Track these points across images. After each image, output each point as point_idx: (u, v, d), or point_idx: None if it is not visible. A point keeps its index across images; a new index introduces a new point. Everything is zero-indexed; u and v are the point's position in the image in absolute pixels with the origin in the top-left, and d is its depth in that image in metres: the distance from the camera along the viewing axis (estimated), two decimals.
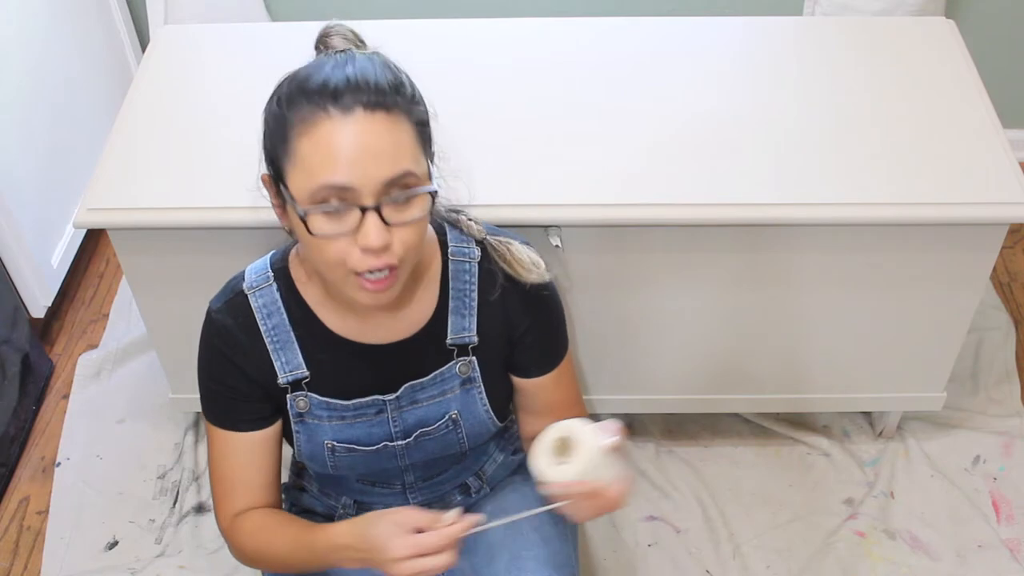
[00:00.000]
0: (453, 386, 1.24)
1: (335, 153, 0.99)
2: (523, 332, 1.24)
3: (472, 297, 1.21)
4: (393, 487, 1.34)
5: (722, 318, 1.64)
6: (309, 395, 1.22)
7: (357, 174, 0.99)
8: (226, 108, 1.63)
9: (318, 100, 0.99)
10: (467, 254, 1.21)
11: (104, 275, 2.26)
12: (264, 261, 1.21)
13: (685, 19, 1.83)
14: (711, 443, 1.90)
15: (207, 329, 1.20)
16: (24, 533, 1.80)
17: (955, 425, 1.91)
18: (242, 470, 1.22)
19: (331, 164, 0.99)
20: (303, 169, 1.01)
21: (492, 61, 1.72)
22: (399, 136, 1.01)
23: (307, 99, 1.00)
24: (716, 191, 1.48)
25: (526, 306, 1.23)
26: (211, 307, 1.20)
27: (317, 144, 0.99)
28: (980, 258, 1.55)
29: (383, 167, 1.00)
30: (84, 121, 2.19)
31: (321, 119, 0.99)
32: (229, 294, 1.20)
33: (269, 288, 1.18)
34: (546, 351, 1.28)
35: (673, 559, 1.72)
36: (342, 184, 0.99)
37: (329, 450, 1.24)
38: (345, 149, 0.99)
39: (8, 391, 1.89)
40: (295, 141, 1.01)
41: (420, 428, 1.25)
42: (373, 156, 0.99)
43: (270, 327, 1.18)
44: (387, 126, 1.00)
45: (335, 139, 0.99)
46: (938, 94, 1.64)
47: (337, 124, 0.99)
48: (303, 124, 1.00)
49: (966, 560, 1.71)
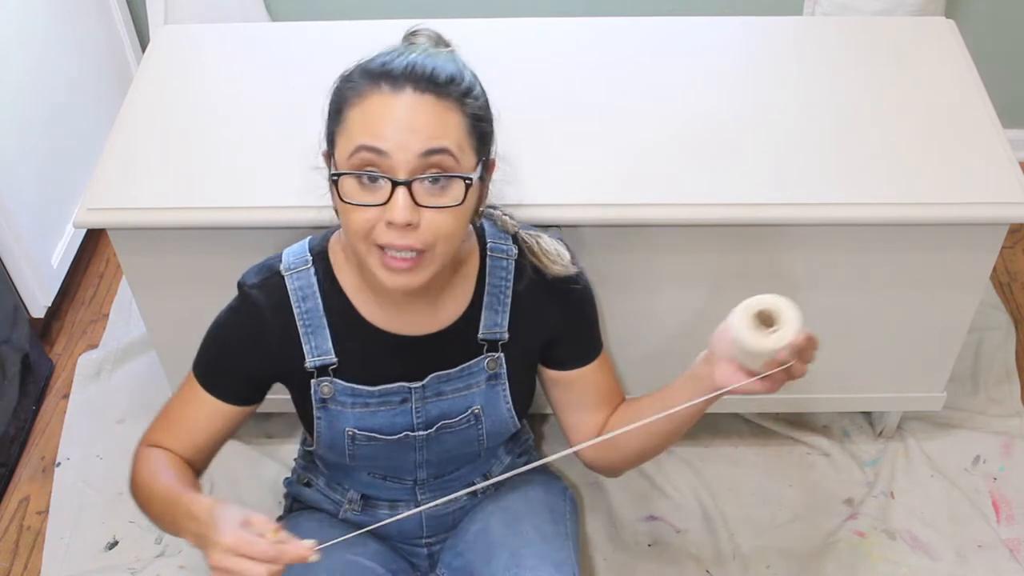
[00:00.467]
0: (479, 380, 1.25)
1: (377, 120, 1.03)
2: (560, 329, 1.26)
3: (507, 294, 1.22)
4: (404, 482, 1.34)
5: (722, 318, 1.64)
6: (335, 381, 1.22)
7: (393, 141, 1.02)
8: (226, 108, 1.63)
9: (375, 79, 1.05)
10: (505, 251, 1.23)
11: (104, 275, 2.26)
12: (303, 244, 1.22)
13: (685, 19, 1.83)
14: (711, 443, 1.89)
15: (238, 303, 1.21)
16: (24, 533, 1.80)
17: (955, 425, 1.91)
18: (193, 423, 1.23)
19: (371, 129, 1.03)
20: (347, 135, 1.05)
21: (492, 61, 1.71)
22: (444, 118, 1.04)
23: (366, 77, 1.06)
24: (716, 191, 1.48)
25: (560, 303, 1.25)
26: (245, 281, 1.20)
27: (363, 113, 1.04)
28: (980, 258, 1.55)
29: (421, 139, 1.02)
30: (84, 121, 2.19)
31: (372, 92, 1.04)
32: (266, 272, 1.20)
33: (307, 271, 1.19)
34: (583, 344, 1.30)
35: (673, 559, 1.72)
36: (378, 147, 1.02)
37: (349, 438, 1.25)
38: (387, 118, 1.03)
39: (8, 391, 1.89)
40: (347, 112, 1.06)
41: (442, 420, 1.26)
42: (412, 129, 1.03)
43: (303, 310, 1.19)
44: (433, 108, 1.04)
45: (380, 108, 1.03)
46: (938, 94, 1.64)
47: (386, 97, 1.03)
48: (357, 97, 1.05)
49: (966, 560, 1.71)
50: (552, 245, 1.23)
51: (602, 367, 1.31)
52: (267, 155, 1.54)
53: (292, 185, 1.36)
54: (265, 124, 1.60)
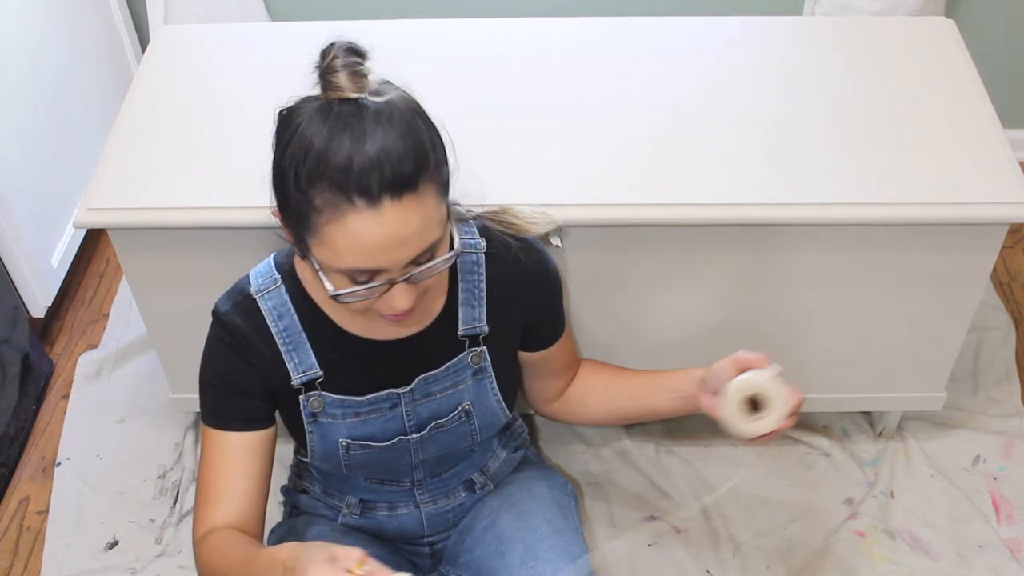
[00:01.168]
0: (465, 377, 1.25)
1: (365, 245, 0.99)
2: (535, 314, 1.28)
3: (481, 287, 1.22)
4: (401, 484, 1.34)
5: (722, 318, 1.64)
6: (323, 394, 1.22)
7: (387, 260, 1.00)
8: (226, 108, 1.63)
9: (343, 187, 0.96)
10: (473, 245, 1.22)
11: (104, 275, 2.26)
12: (268, 264, 1.20)
13: (685, 19, 1.83)
14: (711, 443, 1.89)
15: (216, 330, 1.20)
16: (24, 533, 1.80)
17: (955, 425, 1.91)
18: (230, 477, 1.20)
19: (361, 254, 0.99)
20: (331, 250, 1.00)
21: (492, 61, 1.72)
22: (427, 213, 1.00)
23: (330, 184, 0.97)
24: (716, 191, 1.48)
25: (534, 288, 1.26)
26: (219, 309, 1.19)
27: (346, 235, 0.98)
28: (980, 258, 1.55)
29: (412, 249, 1.01)
30: (84, 121, 2.19)
31: (348, 211, 0.97)
32: (238, 297, 1.19)
33: (278, 290, 1.18)
34: (556, 324, 1.34)
35: (673, 559, 1.72)
36: (372, 268, 1.01)
37: (344, 448, 1.24)
38: (375, 242, 0.98)
39: (8, 391, 1.89)
40: (322, 227, 0.99)
41: (434, 420, 1.26)
42: (403, 243, 1.00)
43: (281, 329, 1.18)
44: (415, 209, 0.99)
45: (364, 232, 0.98)
46: (938, 94, 1.64)
47: (366, 218, 0.97)
48: (330, 211, 0.98)
49: (966, 560, 1.71)
50: (522, 208, 1.25)
51: (567, 338, 1.36)
52: (267, 155, 1.54)
53: None
54: (265, 124, 1.59)
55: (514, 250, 1.23)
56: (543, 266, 1.27)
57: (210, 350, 1.21)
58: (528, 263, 1.24)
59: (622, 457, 1.87)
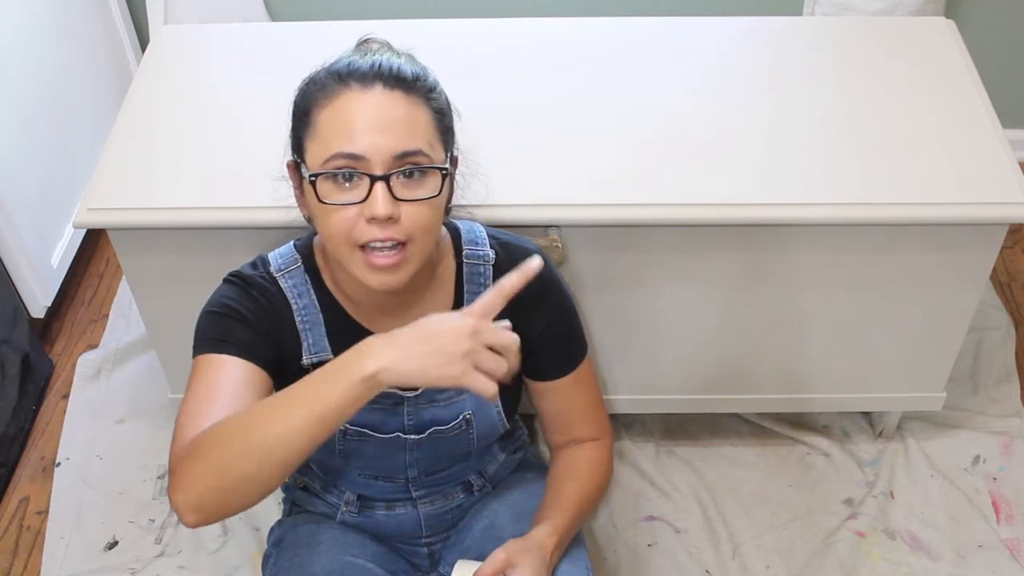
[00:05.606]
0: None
1: (351, 123, 1.04)
2: (538, 334, 1.25)
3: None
4: (396, 481, 1.35)
5: (722, 318, 1.64)
6: None
7: (369, 144, 1.03)
8: (226, 108, 1.63)
9: (343, 78, 1.06)
10: (482, 256, 1.22)
11: (104, 275, 2.26)
12: (288, 247, 1.23)
13: (685, 19, 1.83)
14: (711, 443, 1.89)
15: (240, 284, 1.16)
16: (24, 533, 1.80)
17: (955, 425, 1.91)
18: (222, 402, 1.06)
19: (345, 133, 1.04)
20: (320, 140, 1.06)
21: (492, 61, 1.72)
22: (415, 115, 1.06)
23: (332, 78, 1.07)
24: (715, 191, 1.48)
25: (539, 308, 1.24)
26: (241, 272, 1.18)
27: (335, 114, 1.05)
28: (980, 258, 1.55)
29: (396, 140, 1.04)
30: (84, 121, 2.19)
31: (342, 91, 1.05)
32: (261, 270, 1.20)
33: (298, 270, 1.20)
34: (563, 352, 1.30)
35: (673, 559, 1.72)
36: (354, 153, 1.03)
37: (341, 432, 1.24)
38: (360, 120, 1.04)
39: (8, 391, 1.89)
40: (316, 114, 1.07)
41: (434, 426, 1.26)
42: (387, 128, 1.04)
43: (300, 307, 1.20)
44: (404, 104, 1.06)
45: (352, 109, 1.04)
46: (938, 94, 1.64)
47: (356, 96, 1.05)
48: (325, 99, 1.06)
49: (966, 560, 1.71)
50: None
51: (579, 383, 1.31)
52: (267, 155, 1.54)
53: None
54: (265, 124, 1.60)
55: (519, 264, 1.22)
56: (543, 279, 1.22)
57: (226, 293, 1.15)
58: (537, 286, 1.22)
59: (622, 457, 1.87)
